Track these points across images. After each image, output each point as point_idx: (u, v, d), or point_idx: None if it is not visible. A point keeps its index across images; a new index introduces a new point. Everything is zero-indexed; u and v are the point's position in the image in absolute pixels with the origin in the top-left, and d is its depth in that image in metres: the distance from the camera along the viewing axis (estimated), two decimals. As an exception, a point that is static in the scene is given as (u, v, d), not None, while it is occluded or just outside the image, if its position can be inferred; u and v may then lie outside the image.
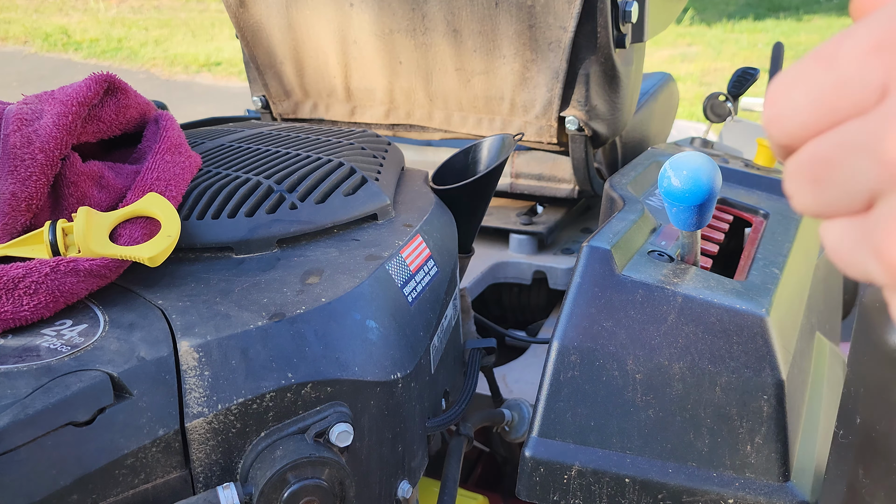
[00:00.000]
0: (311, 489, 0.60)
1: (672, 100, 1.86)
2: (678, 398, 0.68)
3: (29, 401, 0.52)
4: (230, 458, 0.61)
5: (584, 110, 1.29)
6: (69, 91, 0.75)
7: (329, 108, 1.52)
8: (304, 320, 0.64)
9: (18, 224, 0.68)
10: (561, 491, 0.70)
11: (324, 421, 0.63)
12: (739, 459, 0.66)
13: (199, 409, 0.58)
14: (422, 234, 0.82)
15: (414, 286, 0.76)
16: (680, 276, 0.73)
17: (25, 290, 0.60)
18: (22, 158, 0.69)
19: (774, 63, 2.07)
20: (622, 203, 0.91)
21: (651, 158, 1.15)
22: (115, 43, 7.81)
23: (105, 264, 0.64)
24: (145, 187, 0.74)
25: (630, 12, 1.20)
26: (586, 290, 0.72)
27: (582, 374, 0.70)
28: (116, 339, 0.60)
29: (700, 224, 0.69)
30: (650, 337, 0.69)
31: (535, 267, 1.48)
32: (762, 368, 0.66)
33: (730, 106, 1.61)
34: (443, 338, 0.83)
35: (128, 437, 0.55)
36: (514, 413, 1.04)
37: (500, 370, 1.33)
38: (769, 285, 0.75)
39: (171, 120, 0.83)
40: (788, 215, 1.01)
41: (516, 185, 1.57)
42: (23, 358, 0.56)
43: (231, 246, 0.74)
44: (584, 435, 0.69)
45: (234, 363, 0.60)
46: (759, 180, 1.12)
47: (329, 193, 0.80)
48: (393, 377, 0.69)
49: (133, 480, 0.56)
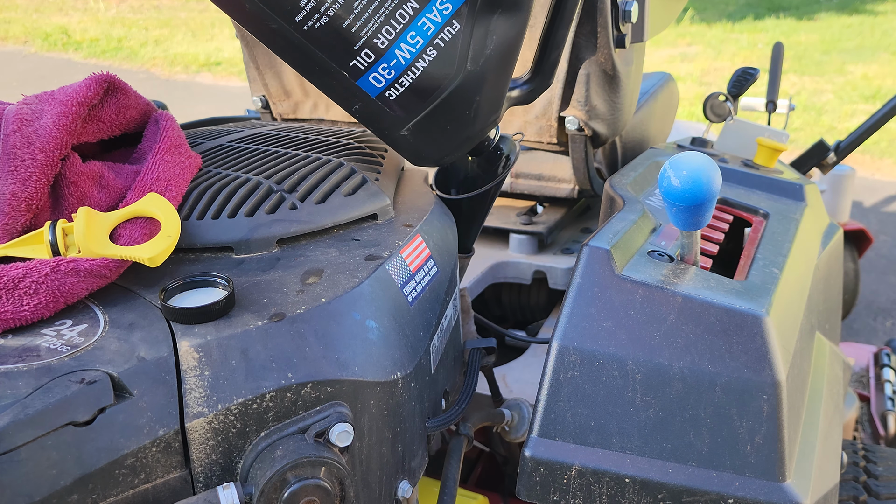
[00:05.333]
0: (311, 489, 0.60)
1: (672, 100, 1.86)
2: (678, 398, 0.68)
3: (29, 401, 0.52)
4: (230, 458, 0.61)
5: (584, 110, 1.29)
6: (69, 91, 0.75)
7: (329, 108, 1.52)
8: (304, 320, 0.65)
9: (18, 224, 0.68)
10: (561, 491, 0.70)
11: (324, 421, 0.63)
12: (739, 459, 0.66)
13: (199, 409, 0.58)
14: (422, 234, 0.82)
15: (414, 286, 0.76)
16: (680, 276, 0.73)
17: (25, 290, 0.60)
18: (22, 158, 0.69)
19: (774, 63, 2.07)
20: (622, 203, 0.91)
21: (651, 158, 1.15)
22: (115, 43, 7.81)
23: (105, 264, 0.64)
24: (145, 187, 0.74)
25: (630, 12, 1.20)
26: (586, 291, 0.72)
27: (582, 374, 0.70)
28: (116, 339, 0.60)
29: (700, 224, 0.69)
30: (650, 337, 0.69)
31: (534, 267, 1.48)
32: (762, 368, 0.66)
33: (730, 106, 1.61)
34: (443, 338, 0.83)
35: (128, 437, 0.55)
36: (514, 413, 1.04)
37: (500, 370, 1.33)
38: (769, 285, 0.75)
39: (171, 120, 0.83)
40: (788, 215, 1.01)
41: (516, 185, 1.57)
42: (23, 358, 0.56)
43: (231, 246, 0.74)
44: (584, 435, 0.69)
45: (234, 363, 0.60)
46: (759, 180, 1.12)
47: (329, 193, 0.80)
48: (393, 377, 0.69)
49: (133, 480, 0.56)
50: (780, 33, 7.49)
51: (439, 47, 0.75)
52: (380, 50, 0.74)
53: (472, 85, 0.78)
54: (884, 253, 3.23)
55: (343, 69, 0.75)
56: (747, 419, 0.66)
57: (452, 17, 0.74)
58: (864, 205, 3.73)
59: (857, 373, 1.89)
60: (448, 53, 0.75)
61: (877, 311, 2.82)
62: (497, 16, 0.75)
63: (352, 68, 0.75)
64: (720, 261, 0.91)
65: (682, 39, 7.35)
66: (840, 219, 2.50)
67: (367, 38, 0.73)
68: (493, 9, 0.74)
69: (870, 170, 4.20)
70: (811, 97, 5.45)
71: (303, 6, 0.72)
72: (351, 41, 0.74)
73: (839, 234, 1.14)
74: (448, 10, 0.73)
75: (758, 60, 6.23)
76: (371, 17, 0.73)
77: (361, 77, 0.76)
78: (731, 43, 7.11)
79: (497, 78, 0.80)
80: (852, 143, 1.97)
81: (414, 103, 0.78)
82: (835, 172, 2.44)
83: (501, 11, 0.75)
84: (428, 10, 0.73)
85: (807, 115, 5.05)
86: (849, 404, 1.63)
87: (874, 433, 1.69)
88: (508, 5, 0.75)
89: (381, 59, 0.75)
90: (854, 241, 2.48)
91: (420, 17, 0.73)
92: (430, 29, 0.74)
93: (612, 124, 1.32)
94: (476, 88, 0.78)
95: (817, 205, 1.13)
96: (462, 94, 0.78)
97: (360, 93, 0.77)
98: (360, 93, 0.77)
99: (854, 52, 6.60)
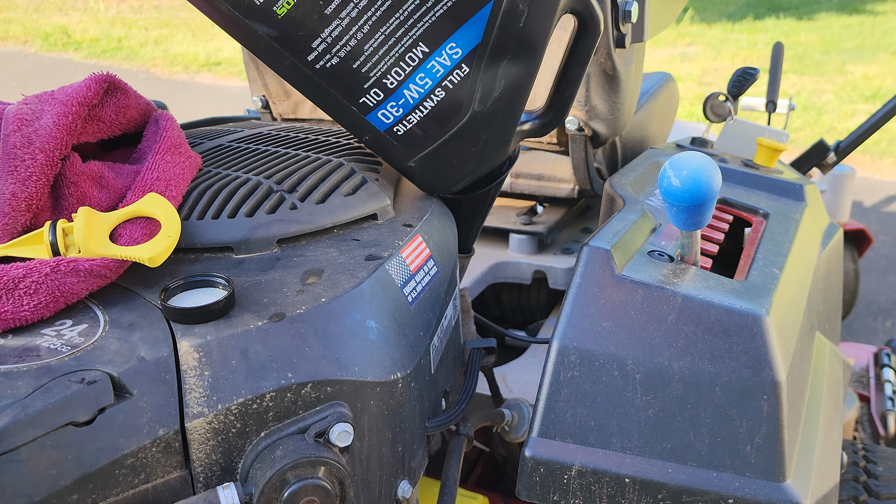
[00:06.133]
0: (311, 489, 0.60)
1: (672, 100, 1.86)
2: (678, 398, 0.68)
3: (29, 401, 0.52)
4: (230, 458, 0.61)
5: (583, 110, 1.29)
6: (69, 91, 0.75)
7: (329, 108, 1.52)
8: (304, 320, 0.65)
9: (18, 224, 0.68)
10: (561, 491, 0.70)
11: (324, 421, 0.63)
12: (739, 459, 0.66)
13: (200, 409, 0.58)
14: (422, 234, 0.82)
15: (414, 286, 0.76)
16: (680, 276, 0.73)
17: (26, 290, 0.60)
18: (22, 158, 0.69)
19: (774, 63, 2.07)
20: (622, 203, 0.91)
21: (651, 158, 1.15)
22: (115, 43, 7.81)
23: (105, 264, 0.64)
24: (145, 187, 0.74)
25: (630, 12, 1.20)
26: (586, 291, 0.72)
27: (582, 374, 0.70)
28: (116, 339, 0.60)
29: (700, 224, 0.69)
30: (650, 337, 0.69)
31: (534, 267, 1.48)
32: (762, 368, 0.66)
33: (730, 106, 1.61)
34: (443, 338, 0.83)
35: (128, 437, 0.55)
36: (514, 413, 1.04)
37: (500, 370, 1.33)
38: (769, 285, 0.75)
39: (171, 120, 0.83)
40: (788, 215, 1.01)
41: (516, 185, 1.57)
42: (23, 358, 0.56)
43: (231, 246, 0.74)
44: (584, 435, 0.69)
45: (234, 363, 0.60)
46: (759, 180, 1.12)
47: (329, 193, 0.80)
48: (393, 377, 0.69)
49: (133, 480, 0.56)
50: (780, 33, 7.49)
51: (448, 88, 0.77)
52: (389, 90, 0.77)
53: (478, 124, 0.80)
54: (884, 253, 3.23)
55: (353, 105, 0.78)
56: (747, 419, 0.66)
57: (462, 61, 0.75)
58: (864, 205, 3.73)
59: (857, 373, 1.89)
60: (456, 95, 0.77)
61: (877, 311, 2.82)
62: (507, 61, 0.77)
63: (361, 105, 0.78)
64: (720, 261, 0.91)
65: (682, 39, 7.35)
66: (840, 219, 2.50)
67: (376, 78, 0.76)
68: (503, 55, 0.76)
69: (870, 170, 4.20)
70: (811, 97, 5.45)
71: (315, 47, 0.74)
72: (361, 81, 0.76)
73: (839, 234, 1.14)
74: (458, 55, 0.75)
75: (758, 60, 6.23)
76: (381, 59, 0.74)
77: (370, 113, 0.79)
78: (731, 43, 7.11)
79: (505, 117, 0.81)
80: (852, 143, 1.97)
81: (421, 139, 0.80)
82: (835, 172, 2.44)
83: (511, 58, 0.77)
84: (437, 55, 0.75)
85: (807, 115, 5.05)
86: (849, 404, 1.63)
87: (874, 433, 1.69)
88: (518, 52, 0.76)
89: (389, 98, 0.77)
90: (854, 241, 2.49)
91: (429, 60, 0.75)
92: (439, 72, 0.76)
93: (612, 124, 1.32)
94: (483, 128, 0.80)
95: (817, 205, 1.13)
96: (468, 132, 0.80)
97: (370, 126, 0.80)
98: (370, 126, 0.80)
99: (854, 52, 6.60)
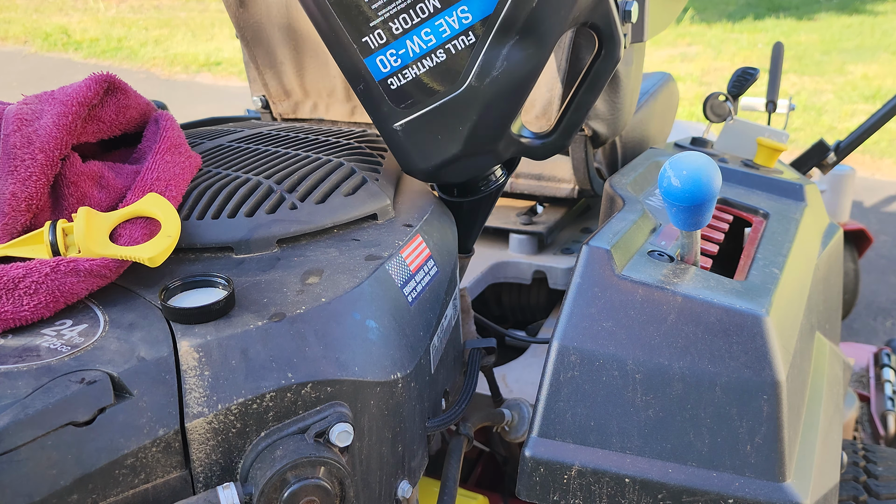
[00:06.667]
0: (311, 489, 0.60)
1: (672, 100, 1.86)
2: (678, 398, 0.68)
3: (29, 401, 0.52)
4: (230, 457, 0.61)
5: (584, 110, 1.28)
6: (69, 91, 0.75)
7: (329, 108, 1.52)
8: (304, 320, 0.65)
9: (18, 224, 0.68)
10: (561, 491, 0.70)
11: (324, 421, 0.63)
12: (739, 459, 0.66)
13: (199, 408, 0.58)
14: (422, 234, 0.82)
15: (414, 286, 0.76)
16: (680, 276, 0.73)
17: (26, 290, 0.60)
18: (22, 158, 0.69)
19: (774, 63, 2.07)
20: (622, 203, 0.91)
21: (651, 158, 1.15)
22: (115, 43, 7.81)
23: (105, 264, 0.64)
24: (145, 187, 0.74)
25: (630, 12, 1.20)
26: (586, 291, 0.72)
27: (582, 374, 0.70)
28: (116, 339, 0.60)
29: (700, 224, 0.69)
30: (650, 337, 0.69)
31: (534, 267, 1.48)
32: (762, 368, 0.66)
33: (730, 106, 1.61)
34: (443, 338, 0.83)
35: (128, 437, 0.55)
36: (514, 413, 1.04)
37: (500, 370, 1.33)
38: (769, 285, 0.75)
39: (171, 120, 0.83)
40: (788, 215, 1.01)
41: (516, 185, 1.57)
42: (23, 358, 0.56)
43: (231, 246, 0.74)
44: (584, 435, 0.69)
45: (234, 363, 0.60)
46: (759, 180, 1.12)
47: (329, 193, 0.80)
48: (393, 377, 0.69)
49: (133, 480, 0.56)
50: (780, 33, 7.49)
51: (450, 52, 0.77)
52: (392, 35, 0.77)
53: (470, 101, 0.79)
54: (884, 253, 3.23)
55: (355, 42, 0.79)
56: (747, 419, 0.66)
57: (469, 28, 0.76)
58: (864, 205, 3.73)
59: (857, 373, 1.89)
60: (456, 61, 0.77)
61: (877, 311, 2.82)
62: (513, 42, 0.77)
63: (363, 44, 0.79)
64: (720, 261, 0.91)
65: (682, 39, 7.35)
66: (840, 219, 2.50)
67: (383, 18, 0.76)
68: (510, 34, 0.76)
69: (870, 170, 4.20)
70: (811, 97, 5.45)
71: None
72: (368, 17, 0.77)
73: (839, 234, 1.14)
74: (467, 21, 0.76)
75: (758, 60, 6.23)
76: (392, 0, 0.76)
77: (369, 56, 0.79)
78: (731, 43, 7.11)
79: (499, 105, 0.81)
80: (852, 143, 1.97)
81: (412, 99, 0.80)
82: (835, 172, 2.44)
83: (518, 40, 0.77)
84: (448, 13, 0.75)
85: (807, 115, 5.05)
86: (849, 404, 1.63)
87: (874, 433, 1.69)
88: (525, 36, 0.77)
89: (391, 44, 0.78)
90: (854, 241, 2.48)
91: (439, 17, 0.76)
92: (446, 32, 0.76)
93: (612, 124, 1.32)
94: (474, 106, 0.80)
95: (817, 205, 1.13)
96: (459, 106, 0.80)
97: (366, 72, 0.80)
98: (366, 72, 0.80)
99: (854, 52, 6.60)
